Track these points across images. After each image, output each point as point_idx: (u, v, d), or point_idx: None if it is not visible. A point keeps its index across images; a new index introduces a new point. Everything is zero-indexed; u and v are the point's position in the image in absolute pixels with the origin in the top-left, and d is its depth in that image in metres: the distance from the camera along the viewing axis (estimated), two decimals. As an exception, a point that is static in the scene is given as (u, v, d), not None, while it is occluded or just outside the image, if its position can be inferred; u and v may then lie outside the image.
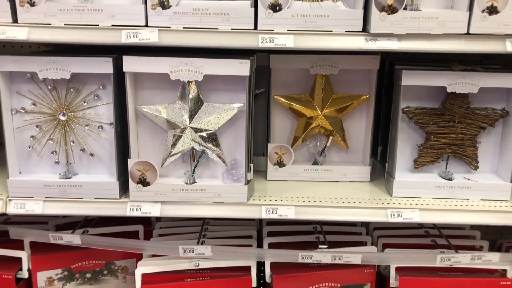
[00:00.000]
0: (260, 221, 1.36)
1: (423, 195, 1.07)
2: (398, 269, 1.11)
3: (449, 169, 1.11)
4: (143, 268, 1.09)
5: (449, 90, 1.01)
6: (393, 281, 1.11)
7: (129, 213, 1.02)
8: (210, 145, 1.03)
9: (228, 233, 1.25)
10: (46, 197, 1.02)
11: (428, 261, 1.06)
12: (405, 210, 1.02)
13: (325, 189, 1.12)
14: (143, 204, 1.02)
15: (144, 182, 1.01)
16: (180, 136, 1.02)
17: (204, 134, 1.02)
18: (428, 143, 1.08)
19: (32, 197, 1.02)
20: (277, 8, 0.92)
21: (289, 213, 1.02)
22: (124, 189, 1.05)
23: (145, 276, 1.09)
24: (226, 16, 0.92)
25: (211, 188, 1.02)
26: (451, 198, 1.06)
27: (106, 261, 1.19)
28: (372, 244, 1.22)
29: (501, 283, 1.07)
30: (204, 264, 1.11)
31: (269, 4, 0.91)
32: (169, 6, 0.92)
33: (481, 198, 1.06)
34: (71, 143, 1.03)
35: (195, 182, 1.04)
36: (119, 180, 1.03)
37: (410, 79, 1.02)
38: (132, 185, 1.01)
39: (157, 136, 1.05)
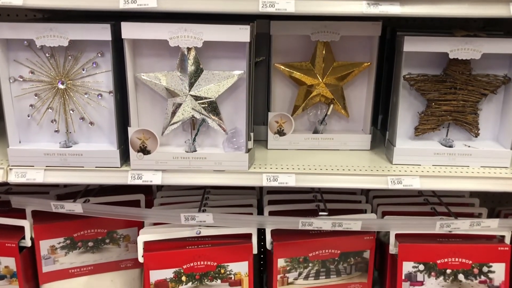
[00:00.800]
0: (261, 190, 1.37)
1: (423, 162, 1.07)
2: (397, 236, 1.12)
3: (450, 137, 1.10)
4: (145, 236, 1.10)
5: (451, 56, 1.00)
6: (392, 247, 1.12)
7: (130, 181, 1.02)
8: (210, 113, 1.02)
9: (229, 202, 1.26)
10: (46, 166, 1.02)
11: (428, 228, 1.07)
12: (405, 177, 1.02)
13: (326, 158, 1.12)
14: (144, 173, 1.02)
15: (144, 151, 1.01)
16: (180, 105, 1.01)
17: (204, 102, 1.01)
18: (429, 110, 1.08)
19: (33, 166, 1.02)
20: (278, -28, 0.90)
21: (289, 181, 1.02)
22: (124, 158, 1.05)
23: (147, 244, 1.11)
24: (225, -20, 0.90)
25: (211, 156, 1.02)
26: (451, 165, 1.06)
27: (108, 230, 1.20)
28: (371, 212, 1.23)
29: (499, 248, 1.08)
30: (205, 232, 1.12)
31: (269, -32, 0.90)
32: (168, -30, 0.90)
33: (481, 165, 1.06)
34: (71, 111, 1.02)
35: (195, 151, 1.04)
36: (119, 149, 1.03)
37: (412, 45, 1.01)
38: (132, 153, 1.01)
39: (157, 105, 1.04)
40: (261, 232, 1.17)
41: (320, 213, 1.11)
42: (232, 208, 1.21)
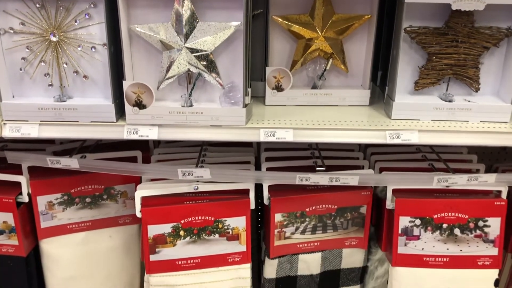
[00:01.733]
0: (258, 148, 1.36)
1: (422, 117, 1.06)
2: (394, 191, 1.12)
3: (450, 91, 1.09)
4: (143, 191, 1.10)
5: (453, 7, 0.97)
6: (389, 202, 1.13)
7: (126, 136, 1.01)
8: (206, 67, 1.00)
9: (226, 159, 1.26)
10: (41, 121, 1.01)
11: (425, 183, 1.07)
12: (404, 132, 1.01)
13: (324, 113, 1.11)
14: (140, 128, 1.01)
15: (140, 105, 1.00)
16: (175, 58, 0.99)
17: (200, 55, 0.99)
18: (430, 64, 1.06)
19: (27, 121, 1.00)
20: None
21: (287, 136, 1.01)
22: (120, 113, 1.03)
23: (144, 199, 1.11)
24: None
25: (208, 111, 1.01)
26: (451, 120, 1.05)
27: (105, 186, 1.20)
28: (369, 168, 1.23)
29: (495, 203, 1.09)
30: (203, 188, 1.12)
31: None
32: None
33: (481, 120, 1.05)
34: (64, 65, 1.00)
35: (192, 106, 1.02)
36: (114, 103, 1.01)
37: (414, -5, 0.98)
38: (128, 107, 1.00)
39: (152, 58, 1.02)
40: (258, 189, 1.17)
41: (317, 168, 1.10)
42: (229, 166, 1.21)
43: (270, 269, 1.19)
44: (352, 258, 1.23)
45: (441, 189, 1.12)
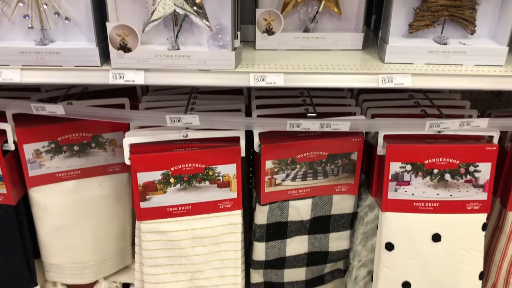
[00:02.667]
0: (249, 96, 1.34)
1: (416, 60, 1.03)
2: (386, 137, 1.11)
3: (445, 34, 1.06)
4: (131, 138, 1.08)
5: None
6: (380, 148, 1.12)
7: (111, 81, 0.98)
8: (193, 8, 0.96)
9: (216, 107, 1.23)
10: (23, 65, 0.97)
11: (417, 128, 1.06)
12: (397, 76, 0.99)
13: (316, 58, 1.08)
14: (125, 72, 0.98)
15: (125, 48, 0.96)
16: (161, -2, 0.95)
17: (186, -5, 0.95)
18: (425, 5, 1.02)
19: (8, 65, 0.97)
20: None
21: (277, 81, 0.99)
22: (105, 57, 1.00)
23: (133, 147, 1.09)
24: None
25: (196, 54, 0.97)
26: (445, 63, 1.03)
27: (93, 133, 1.18)
28: (361, 115, 1.21)
29: (486, 148, 1.08)
30: (192, 135, 1.11)
31: None
32: None
33: (476, 63, 1.03)
34: (44, 5, 0.96)
35: (178, 49, 0.99)
36: (99, 47, 0.97)
37: None
38: (112, 51, 0.96)
39: (138, 0, 0.98)
40: (249, 137, 1.16)
41: (308, 114, 1.08)
42: (219, 114, 1.19)
43: (261, 215, 1.20)
44: (342, 204, 1.23)
45: (432, 135, 1.12)
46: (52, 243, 1.25)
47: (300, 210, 1.21)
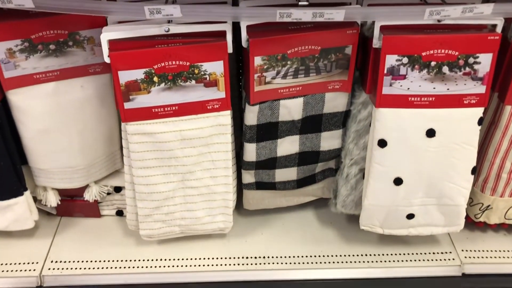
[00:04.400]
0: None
1: None
2: (382, 28, 1.04)
3: None
4: (109, 34, 1.01)
5: None
6: (376, 41, 1.05)
7: (81, -33, 0.88)
8: None
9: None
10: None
11: (416, 16, 0.99)
12: (396, -44, 0.90)
13: None
14: (96, -43, 0.88)
15: None
16: None
17: None
18: None
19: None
20: None
21: (265, -37, 0.90)
22: None
23: (112, 43, 1.02)
24: None
25: None
26: None
27: (69, 31, 1.10)
28: (356, 4, 1.12)
29: (489, 37, 1.02)
30: (175, 29, 1.03)
31: None
32: None
33: None
34: None
35: None
36: None
37: None
38: None
39: None
40: (237, 32, 1.08)
41: (300, 3, 1.00)
42: (204, 5, 1.10)
43: (251, 116, 1.16)
44: (335, 102, 1.19)
45: (432, 25, 1.04)
46: (37, 147, 1.22)
47: (291, 109, 1.17)
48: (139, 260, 1.31)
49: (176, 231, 1.27)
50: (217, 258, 1.31)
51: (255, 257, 1.32)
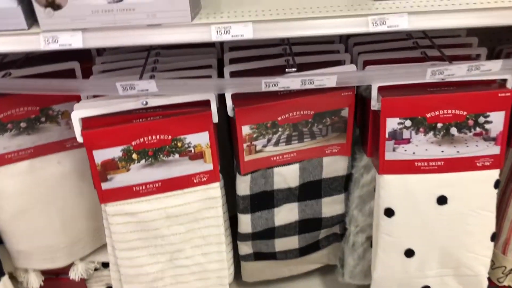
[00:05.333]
0: (222, 48, 1.16)
1: (413, -5, 0.85)
2: (380, 89, 0.94)
3: (448, -41, 0.86)
4: (81, 111, 0.92)
5: None
6: (374, 102, 0.96)
7: (44, 46, 0.80)
8: None
9: (183, 64, 1.06)
10: None
11: (417, 77, 0.89)
12: (390, 16, 0.81)
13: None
14: (59, 34, 0.80)
15: (53, 5, 0.78)
16: None
17: None
18: None
19: None
20: None
21: (245, 32, 0.81)
22: (32, 18, 0.81)
23: (85, 121, 0.93)
24: None
25: (142, 6, 0.79)
26: (449, -4, 0.84)
27: (41, 106, 1.02)
28: (351, 63, 1.04)
29: (499, 94, 0.92)
30: (154, 102, 0.94)
31: None
32: None
33: (487, -8, 0.84)
34: None
35: (120, 1, 0.80)
36: (21, 5, 0.79)
37: None
38: (39, 9, 0.78)
39: None
40: (222, 97, 0.99)
41: (286, 69, 0.91)
42: (188, 71, 1.02)
43: (243, 186, 1.06)
44: (334, 166, 1.09)
45: (435, 83, 0.95)
46: (15, 229, 1.13)
47: (287, 176, 1.07)
48: None
49: (168, 313, 1.16)
50: None
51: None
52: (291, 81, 0.87)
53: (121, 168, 0.97)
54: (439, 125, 0.94)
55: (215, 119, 0.97)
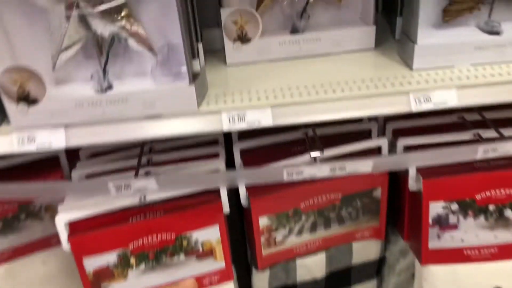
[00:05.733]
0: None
1: (458, 62, 0.71)
2: (419, 169, 0.80)
3: (494, 18, 0.74)
4: (66, 214, 0.77)
5: None
6: (412, 183, 0.81)
7: (18, 148, 0.66)
8: (121, 23, 0.63)
9: (184, 154, 0.88)
10: None
11: (465, 156, 0.75)
12: (435, 92, 0.67)
13: (312, 69, 0.76)
14: (37, 133, 0.66)
15: (28, 99, 0.64)
16: (69, 17, 0.61)
17: (109, 8, 0.61)
18: (467, -20, 0.70)
19: None
20: None
21: (263, 118, 0.67)
22: (2, 115, 0.67)
23: (73, 224, 0.78)
24: None
25: (137, 95, 0.65)
26: (502, 61, 0.71)
27: (19, 203, 0.86)
28: (387, 145, 0.85)
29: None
30: (153, 196, 0.79)
31: None
32: None
33: (545, 57, 0.71)
34: None
35: (110, 88, 0.66)
36: (-12, 101, 0.65)
37: None
38: (10, 106, 0.64)
39: (38, 23, 0.64)
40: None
41: (312, 154, 0.76)
42: (187, 164, 0.83)
43: (261, 283, 0.90)
44: (365, 251, 0.94)
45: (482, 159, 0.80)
46: None
47: (311, 268, 0.92)
48: None
49: None
50: None
51: None
52: (318, 169, 0.73)
53: (117, 276, 0.81)
54: (491, 207, 0.80)
55: (226, 209, 0.82)
